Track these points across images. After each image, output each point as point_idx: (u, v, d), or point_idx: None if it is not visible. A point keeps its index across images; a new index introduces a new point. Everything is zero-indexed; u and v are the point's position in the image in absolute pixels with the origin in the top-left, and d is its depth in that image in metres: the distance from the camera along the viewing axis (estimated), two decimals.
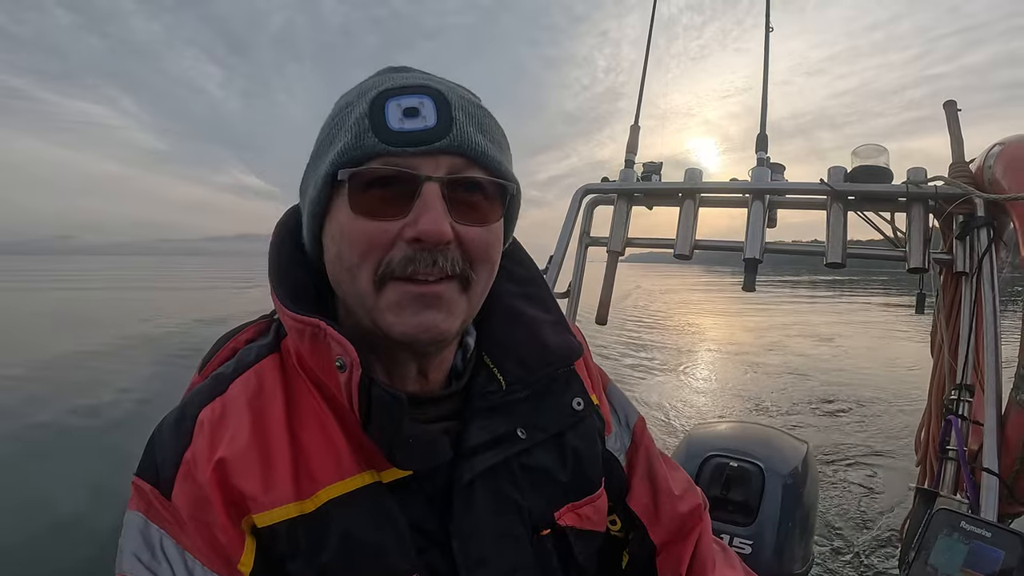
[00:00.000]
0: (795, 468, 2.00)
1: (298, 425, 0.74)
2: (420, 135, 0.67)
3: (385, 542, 0.71)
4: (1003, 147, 1.80)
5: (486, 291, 0.77)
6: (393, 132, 0.67)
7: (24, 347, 12.37)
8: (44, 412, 7.59)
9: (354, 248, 0.69)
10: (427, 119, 0.67)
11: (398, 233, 0.68)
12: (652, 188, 2.29)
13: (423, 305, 0.69)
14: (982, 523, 1.07)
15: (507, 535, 0.79)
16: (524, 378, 0.84)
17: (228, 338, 0.87)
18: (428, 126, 0.67)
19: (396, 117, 0.67)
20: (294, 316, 0.73)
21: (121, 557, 0.70)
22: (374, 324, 0.71)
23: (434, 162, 0.68)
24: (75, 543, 4.25)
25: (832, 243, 1.98)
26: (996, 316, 1.67)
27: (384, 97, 0.68)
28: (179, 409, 0.76)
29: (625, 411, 1.04)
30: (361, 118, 0.68)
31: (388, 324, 0.70)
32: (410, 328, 0.69)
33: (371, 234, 0.68)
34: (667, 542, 0.98)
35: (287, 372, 0.78)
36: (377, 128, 0.67)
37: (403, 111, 0.67)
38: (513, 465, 0.82)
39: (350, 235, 0.69)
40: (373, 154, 0.67)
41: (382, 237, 0.68)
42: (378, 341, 0.74)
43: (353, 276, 0.70)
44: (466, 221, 0.70)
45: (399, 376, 0.79)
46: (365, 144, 0.67)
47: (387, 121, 0.67)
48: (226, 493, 0.68)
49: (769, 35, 2.40)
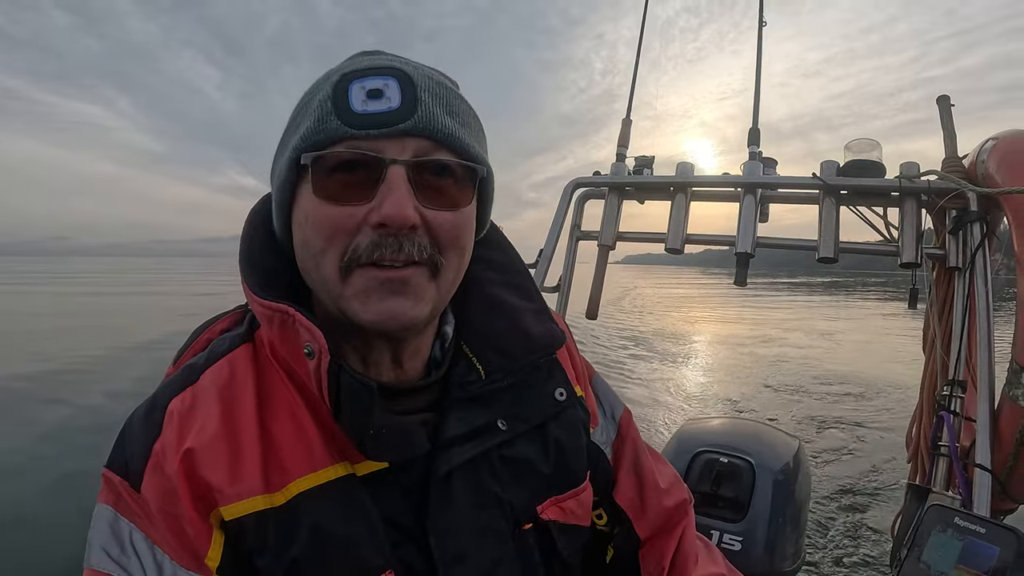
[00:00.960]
0: (786, 464, 1.99)
1: (270, 416, 0.72)
2: (384, 117, 0.65)
3: (357, 536, 0.69)
4: (996, 142, 1.79)
5: (458, 277, 0.75)
6: (356, 114, 0.65)
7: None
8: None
9: (319, 234, 0.67)
10: (391, 100, 0.65)
11: (363, 218, 0.66)
12: (643, 182, 2.27)
13: (389, 291, 0.67)
14: (976, 519, 1.06)
15: (487, 529, 0.77)
16: (505, 367, 0.82)
17: (203, 329, 0.85)
18: (392, 107, 0.65)
19: (359, 99, 0.65)
20: (262, 302, 0.71)
21: (90, 551, 0.68)
22: (341, 311, 0.69)
23: (400, 145, 0.66)
24: (42, 539, 4.22)
25: (824, 238, 1.97)
26: (989, 311, 1.65)
27: (348, 80, 0.66)
28: (150, 400, 0.74)
29: (611, 404, 1.02)
30: (324, 101, 0.66)
31: (354, 311, 0.68)
32: (376, 315, 0.68)
33: (336, 219, 0.66)
34: (651, 536, 0.96)
35: (260, 362, 0.76)
36: (340, 111, 0.65)
37: (367, 93, 0.66)
38: (493, 457, 0.80)
39: (315, 221, 0.67)
40: (336, 138, 0.65)
41: (347, 222, 0.66)
42: (351, 329, 0.71)
43: (319, 263, 0.68)
44: (434, 205, 0.68)
45: (374, 364, 0.77)
46: (328, 127, 0.65)
47: (350, 103, 0.65)
48: (193, 485, 0.66)
49: (762, 29, 2.39)
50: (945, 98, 2.04)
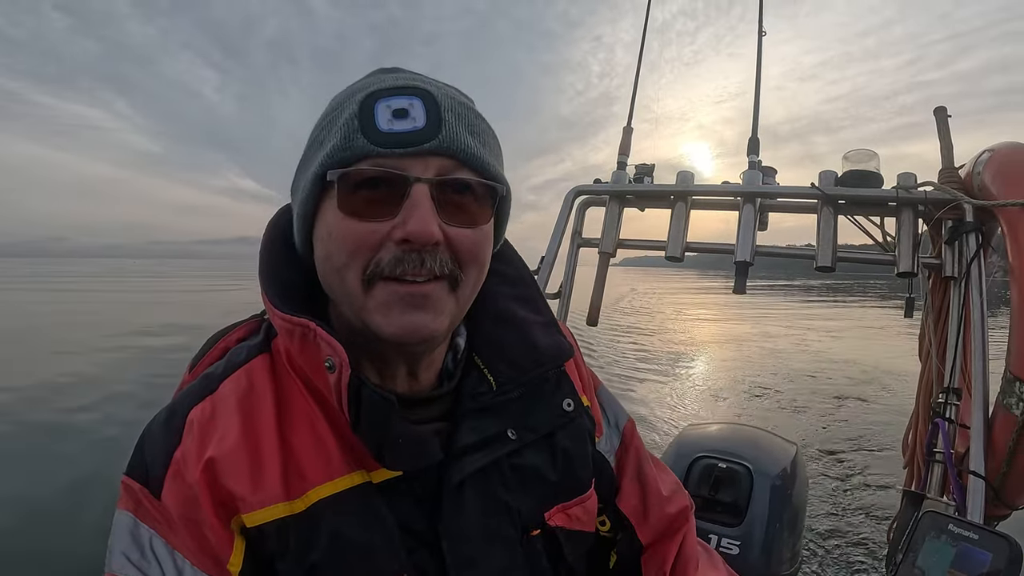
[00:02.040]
0: (784, 469, 2.01)
1: (288, 425, 0.74)
2: (409, 136, 0.67)
3: (374, 542, 0.71)
4: (992, 154, 1.81)
5: (475, 292, 0.77)
6: (382, 133, 0.66)
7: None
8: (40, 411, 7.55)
9: (343, 248, 0.68)
10: (416, 120, 0.67)
11: (387, 234, 0.67)
12: (644, 190, 2.30)
13: (411, 305, 0.69)
14: (969, 526, 1.07)
15: (497, 536, 0.79)
16: (515, 379, 0.83)
17: (218, 337, 0.87)
18: (417, 127, 0.67)
19: (385, 118, 0.67)
20: (284, 316, 0.73)
21: (111, 557, 0.70)
22: (363, 324, 0.71)
23: (423, 163, 0.67)
24: (64, 543, 4.20)
25: (822, 247, 2.00)
26: (984, 321, 1.68)
27: (374, 98, 0.68)
28: (169, 408, 0.76)
29: (615, 413, 1.04)
30: (351, 119, 0.68)
31: (377, 324, 0.69)
32: (398, 329, 0.69)
33: (359, 235, 0.68)
34: (653, 542, 0.98)
35: (277, 372, 0.78)
36: (366, 129, 0.67)
37: (392, 112, 0.67)
38: (503, 466, 0.82)
39: (339, 236, 0.69)
40: (362, 155, 0.67)
41: (371, 238, 0.67)
42: (369, 341, 0.73)
43: (342, 276, 0.70)
44: (455, 222, 0.70)
45: (389, 376, 0.79)
46: (354, 145, 0.67)
47: (376, 122, 0.67)
48: (215, 493, 0.68)
49: (762, 39, 2.41)
50: (942, 109, 2.06)
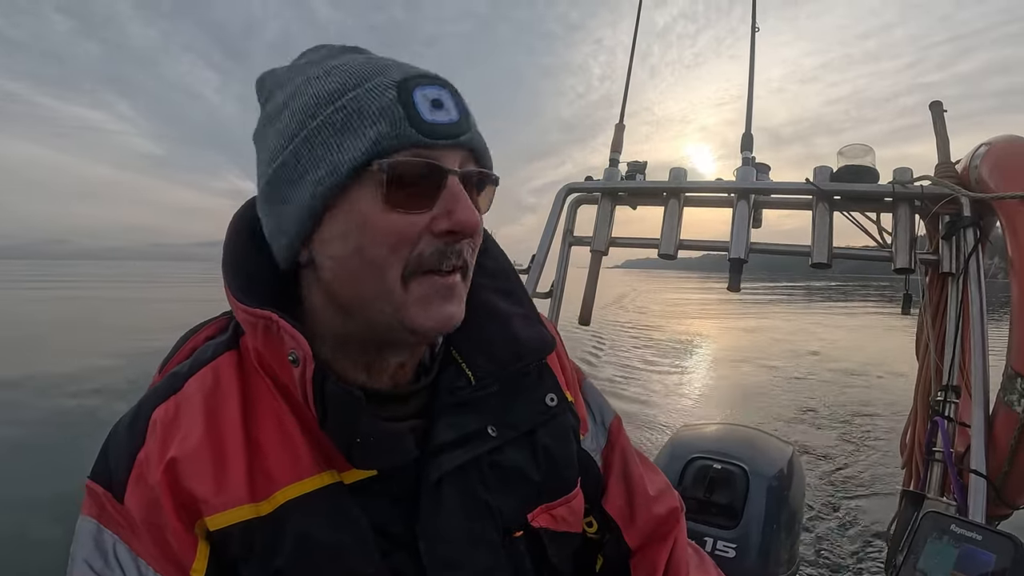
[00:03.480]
0: (780, 470, 1.99)
1: (255, 424, 0.71)
2: (447, 128, 0.66)
3: (345, 544, 0.68)
4: (989, 147, 1.79)
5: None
6: (426, 123, 0.65)
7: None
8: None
9: (383, 242, 0.66)
10: (450, 112, 0.67)
11: (426, 226, 0.66)
12: (636, 187, 2.27)
13: (445, 298, 0.69)
14: (972, 526, 1.04)
15: (478, 537, 0.76)
16: (494, 373, 0.81)
17: (188, 336, 0.84)
18: (452, 120, 0.67)
19: (426, 108, 0.66)
20: (245, 309, 0.70)
21: (72, 565, 0.68)
22: (399, 321, 0.68)
23: (452, 155, 0.68)
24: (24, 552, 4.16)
25: (818, 243, 1.97)
26: (983, 317, 1.65)
27: (411, 85, 0.66)
28: (134, 409, 0.73)
29: (601, 410, 1.01)
30: (392, 106, 0.65)
31: (414, 318, 0.68)
32: (436, 321, 0.69)
33: (401, 228, 0.66)
34: (642, 545, 0.96)
35: (245, 369, 0.75)
36: (412, 118, 0.65)
37: (430, 102, 0.66)
38: (483, 464, 0.79)
39: (379, 229, 0.65)
40: (408, 145, 0.65)
41: (411, 231, 0.66)
42: (364, 337, 0.72)
43: (380, 272, 0.66)
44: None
45: (377, 372, 0.76)
46: (403, 134, 0.64)
47: (420, 111, 0.65)
48: (177, 495, 0.65)
49: (755, 35, 2.39)
50: (938, 104, 2.04)
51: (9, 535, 4.38)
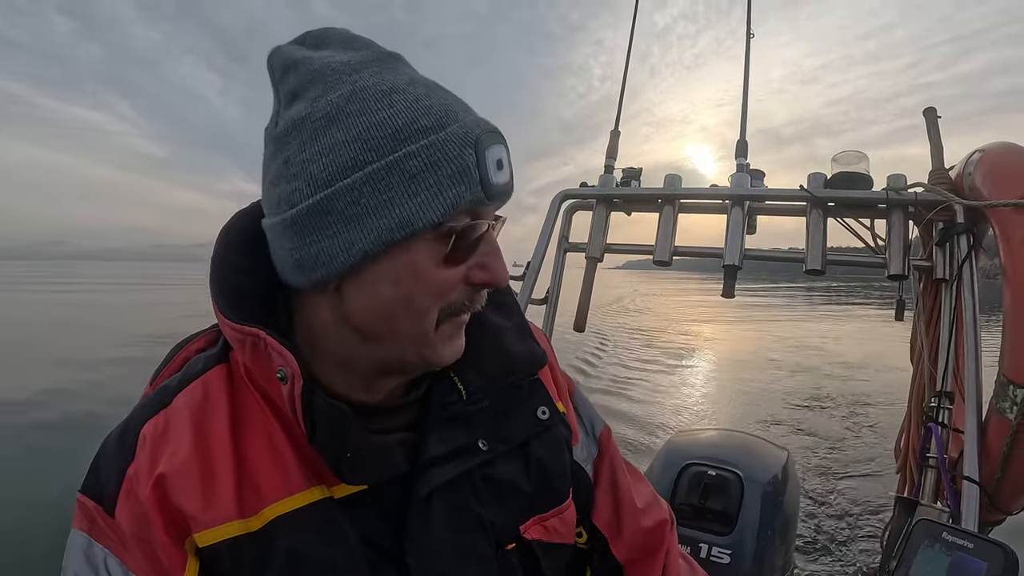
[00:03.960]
0: (775, 476, 1.99)
1: (244, 439, 0.70)
2: (504, 188, 0.67)
3: (335, 560, 0.68)
4: (983, 154, 1.80)
5: None
6: (493, 187, 0.65)
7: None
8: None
9: (431, 293, 0.67)
10: (506, 173, 0.67)
11: (463, 276, 0.69)
12: (631, 194, 2.28)
13: (460, 333, 0.74)
14: (964, 534, 1.05)
15: (469, 551, 0.76)
16: (485, 387, 0.80)
17: (179, 348, 0.83)
18: (507, 180, 0.68)
19: (494, 171, 0.65)
20: (233, 326, 0.69)
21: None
22: (421, 356, 0.71)
23: (492, 208, 0.69)
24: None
25: (812, 250, 1.97)
26: (976, 323, 1.66)
27: (484, 145, 0.64)
28: (124, 423, 0.72)
29: (591, 419, 1.00)
30: (470, 169, 0.63)
31: (440, 355, 0.72)
32: (453, 354, 0.73)
33: (448, 280, 0.67)
34: (632, 560, 0.95)
35: (235, 383, 0.74)
36: (484, 183, 0.64)
37: (495, 162, 0.66)
38: (475, 477, 0.78)
39: (432, 282, 0.66)
40: (476, 205, 0.65)
41: (453, 282, 0.68)
42: (375, 360, 0.72)
43: (420, 317, 0.68)
44: None
45: (376, 391, 0.76)
46: (476, 199, 0.64)
47: (489, 175, 0.65)
48: (166, 511, 0.65)
49: (750, 41, 2.40)
50: (931, 110, 2.05)
51: (14, 539, 4.38)
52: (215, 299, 0.72)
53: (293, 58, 0.67)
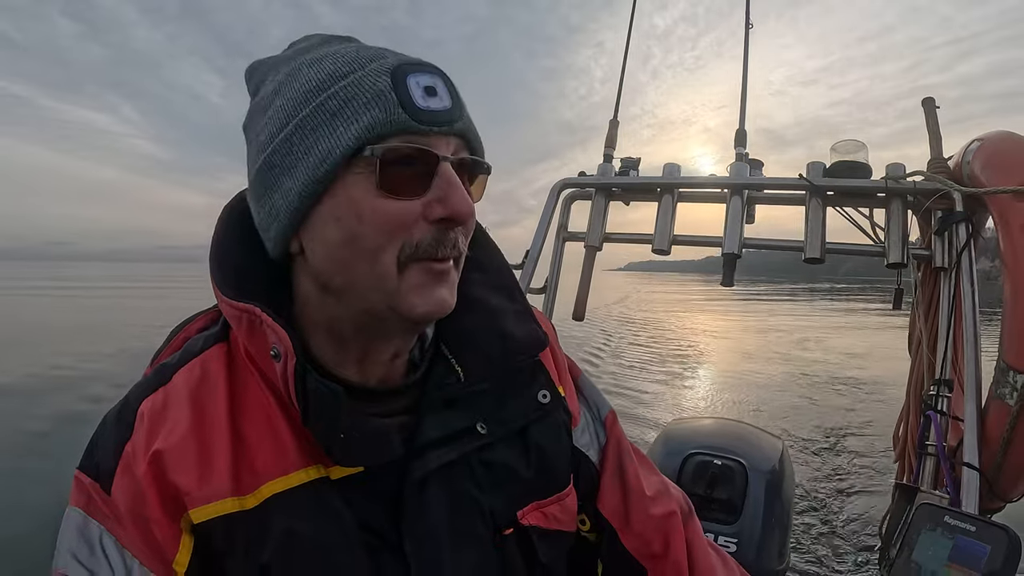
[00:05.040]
0: (774, 465, 2.00)
1: (242, 417, 0.70)
2: (440, 115, 0.66)
3: (330, 541, 0.68)
4: (981, 143, 1.80)
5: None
6: (420, 110, 0.65)
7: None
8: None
9: (378, 228, 0.65)
10: (443, 99, 0.67)
11: (420, 213, 0.66)
12: (630, 183, 2.27)
13: (438, 282, 0.69)
14: (966, 517, 1.05)
15: (466, 535, 0.75)
16: (485, 370, 0.80)
17: (180, 328, 0.83)
18: (445, 107, 0.67)
19: (419, 94, 0.65)
20: (229, 302, 0.69)
21: (57, 555, 0.67)
22: (391, 307, 0.68)
23: (446, 142, 0.68)
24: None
25: (811, 238, 1.97)
26: (975, 311, 1.66)
27: (403, 72, 0.66)
28: (122, 401, 0.73)
29: (596, 404, 0.99)
30: (386, 92, 0.65)
31: (410, 305, 0.68)
32: (430, 307, 0.69)
33: (395, 214, 0.65)
34: (650, 555, 0.90)
35: (235, 362, 0.74)
36: (405, 104, 0.64)
37: (424, 89, 0.66)
38: (473, 461, 0.78)
39: (373, 214, 0.65)
40: (401, 130, 0.64)
41: (406, 217, 0.65)
42: (357, 324, 0.71)
43: (374, 258, 0.66)
44: None
45: (371, 363, 0.75)
46: (396, 120, 0.64)
47: (413, 98, 0.65)
48: (161, 487, 0.65)
49: (749, 31, 2.40)
50: (930, 100, 2.05)
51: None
52: (212, 276, 0.73)
53: (256, 63, 0.76)
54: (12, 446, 6.49)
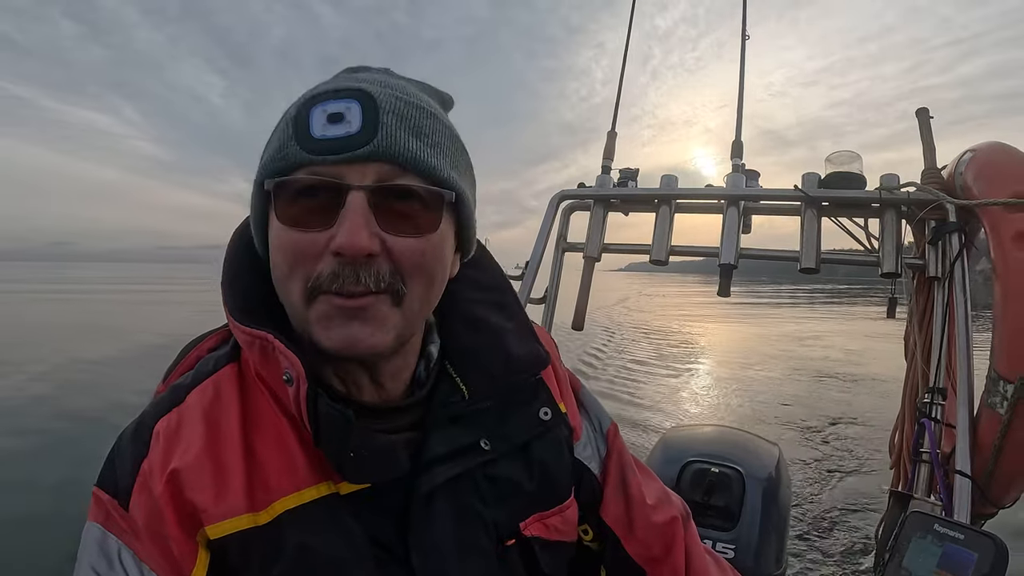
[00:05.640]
0: (771, 472, 2.01)
1: (254, 435, 0.72)
2: (341, 142, 0.64)
3: (342, 555, 0.70)
4: (974, 154, 1.82)
5: (425, 305, 0.74)
6: (315, 140, 0.64)
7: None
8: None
9: (284, 259, 0.67)
10: (351, 125, 0.64)
11: (325, 244, 0.65)
12: (628, 194, 2.29)
13: (349, 318, 0.66)
14: (955, 525, 1.07)
15: (471, 547, 0.77)
16: (488, 388, 0.82)
17: (191, 347, 0.85)
18: (350, 132, 0.64)
19: (320, 124, 0.65)
20: (243, 329, 0.72)
21: (78, 569, 0.69)
22: (308, 336, 0.69)
23: (360, 170, 0.65)
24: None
25: (806, 248, 2.00)
26: (968, 320, 1.68)
27: (311, 104, 0.66)
28: (138, 419, 0.74)
29: (598, 417, 1.01)
30: (286, 126, 0.67)
31: (318, 337, 0.67)
32: (336, 343, 0.67)
33: (298, 245, 0.66)
34: (652, 558, 0.93)
35: (246, 382, 0.76)
36: (300, 136, 0.65)
37: (328, 117, 0.65)
38: (477, 476, 0.80)
39: (280, 246, 0.68)
40: (296, 164, 0.65)
41: (310, 249, 0.65)
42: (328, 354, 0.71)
43: (287, 288, 0.69)
44: (397, 232, 0.67)
45: (354, 385, 0.76)
46: (288, 153, 0.66)
47: (311, 129, 0.65)
48: (178, 505, 0.67)
49: (745, 43, 2.43)
50: (924, 111, 2.07)
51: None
52: (226, 303, 0.75)
53: None
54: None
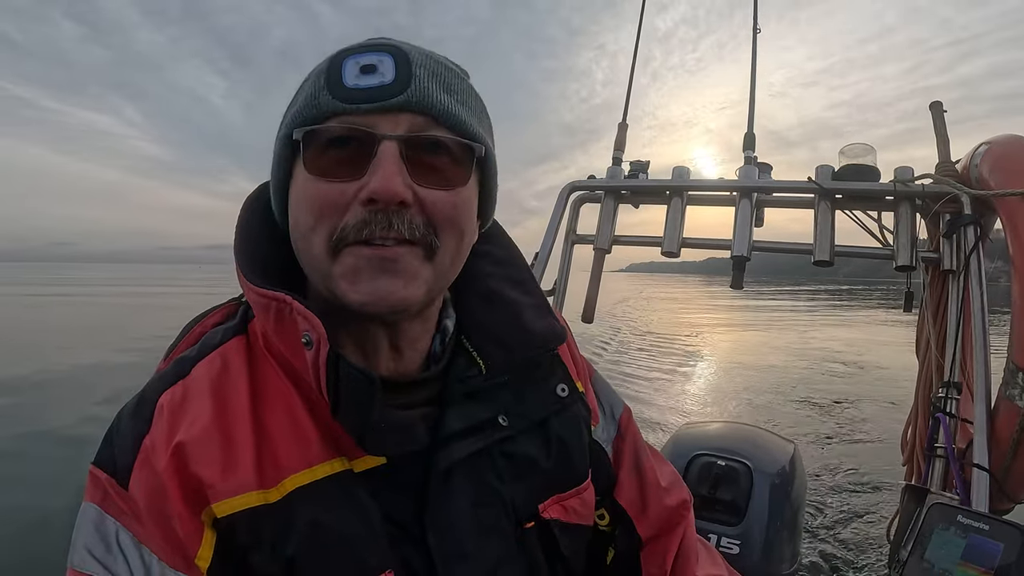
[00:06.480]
0: (783, 468, 1.99)
1: (264, 409, 0.69)
2: (376, 91, 0.64)
3: (355, 534, 0.67)
4: (989, 146, 1.80)
5: (457, 261, 0.72)
6: (348, 89, 0.64)
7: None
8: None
9: (310, 211, 0.65)
10: (384, 75, 0.64)
11: (354, 195, 0.64)
12: (639, 185, 2.27)
13: (379, 270, 0.64)
14: (979, 516, 1.05)
15: (489, 527, 0.75)
16: (505, 363, 0.79)
17: (195, 323, 0.82)
18: (384, 82, 0.64)
19: (353, 74, 0.64)
20: (257, 290, 0.69)
21: (73, 551, 0.66)
22: (331, 293, 0.67)
23: (393, 120, 0.64)
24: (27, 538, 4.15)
25: (820, 241, 1.98)
26: (984, 313, 1.67)
27: (343, 55, 0.66)
28: (139, 394, 0.71)
29: (611, 402, 1.00)
30: (318, 77, 0.66)
31: (343, 291, 0.65)
32: (366, 296, 0.65)
33: (325, 196, 0.64)
34: (653, 536, 0.94)
35: (254, 354, 0.73)
36: (332, 85, 0.64)
37: (360, 68, 0.64)
38: (495, 453, 0.78)
39: (305, 197, 0.66)
40: (329, 113, 0.64)
41: (338, 199, 0.64)
42: (347, 315, 0.68)
43: (309, 241, 0.66)
44: (428, 183, 0.66)
45: (371, 353, 0.74)
46: (320, 102, 0.65)
47: (343, 78, 0.64)
48: (184, 481, 0.64)
49: (756, 36, 2.41)
50: (938, 104, 2.06)
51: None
52: (239, 264, 0.72)
53: None
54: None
